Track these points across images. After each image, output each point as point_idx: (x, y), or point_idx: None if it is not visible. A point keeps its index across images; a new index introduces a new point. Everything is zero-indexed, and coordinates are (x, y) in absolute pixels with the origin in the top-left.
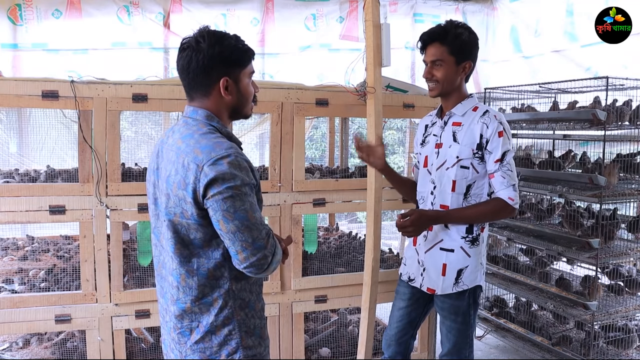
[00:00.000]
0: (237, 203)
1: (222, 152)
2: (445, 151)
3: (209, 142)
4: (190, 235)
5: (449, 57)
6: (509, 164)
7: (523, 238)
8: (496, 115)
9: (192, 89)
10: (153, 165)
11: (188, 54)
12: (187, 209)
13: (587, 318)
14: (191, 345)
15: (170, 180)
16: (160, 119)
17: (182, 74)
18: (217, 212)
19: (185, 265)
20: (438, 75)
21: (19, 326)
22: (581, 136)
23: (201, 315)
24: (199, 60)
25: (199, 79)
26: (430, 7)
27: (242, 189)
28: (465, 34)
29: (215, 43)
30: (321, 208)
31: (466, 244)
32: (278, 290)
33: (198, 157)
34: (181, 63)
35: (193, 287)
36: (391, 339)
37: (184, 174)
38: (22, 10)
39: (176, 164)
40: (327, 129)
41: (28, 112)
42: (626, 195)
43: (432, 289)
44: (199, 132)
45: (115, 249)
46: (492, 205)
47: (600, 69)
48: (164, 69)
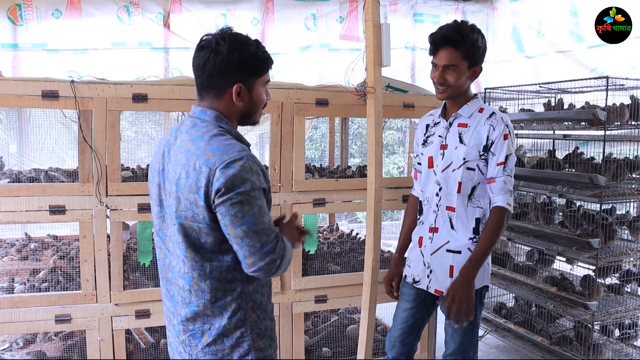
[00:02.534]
0: (245, 208)
1: (234, 154)
2: (451, 153)
3: (220, 144)
4: (201, 239)
5: (462, 62)
6: (510, 168)
7: (523, 238)
8: (503, 117)
9: (204, 89)
10: (157, 166)
11: (206, 54)
12: (198, 212)
13: (587, 318)
14: (202, 347)
15: (180, 183)
16: (160, 119)
17: (197, 72)
18: (225, 216)
19: (197, 269)
20: (450, 80)
21: (19, 326)
22: (581, 136)
23: (213, 318)
24: (216, 63)
25: (213, 80)
26: (430, 7)
27: (251, 193)
28: (480, 39)
29: (236, 49)
30: (321, 208)
31: (473, 245)
32: (278, 290)
33: (210, 160)
34: (197, 62)
35: (206, 290)
36: (395, 340)
37: (196, 177)
38: (22, 10)
39: (187, 166)
40: (327, 129)
41: (28, 112)
42: (626, 195)
43: (440, 291)
44: (209, 133)
45: (115, 249)
46: (496, 220)
47: (606, 70)
48: (164, 69)
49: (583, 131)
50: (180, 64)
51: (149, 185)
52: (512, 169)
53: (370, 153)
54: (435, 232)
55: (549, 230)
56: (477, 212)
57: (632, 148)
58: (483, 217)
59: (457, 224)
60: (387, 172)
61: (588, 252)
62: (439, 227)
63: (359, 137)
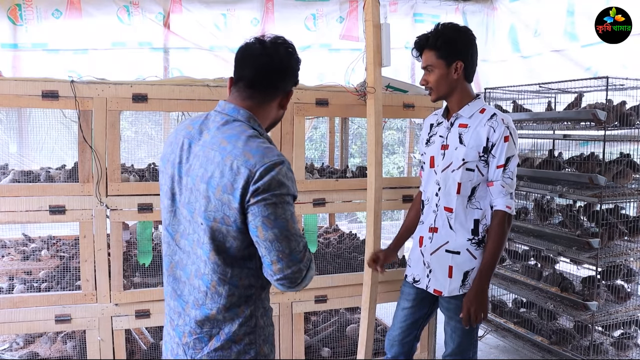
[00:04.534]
0: (279, 211)
1: (275, 158)
2: (452, 153)
3: (259, 146)
4: (227, 243)
5: (438, 61)
6: (510, 171)
7: (523, 238)
8: (504, 119)
9: (249, 87)
10: (173, 158)
11: (274, 58)
12: (229, 214)
13: (587, 318)
14: (208, 352)
15: (213, 182)
16: (160, 119)
17: (249, 69)
18: (257, 217)
19: (218, 272)
20: (430, 80)
21: (19, 326)
22: (581, 136)
23: (224, 323)
24: (282, 71)
25: (266, 84)
26: (430, 7)
27: (286, 198)
28: (450, 33)
29: (298, 63)
30: (321, 208)
31: (472, 246)
32: (278, 290)
33: (249, 162)
34: (258, 60)
35: (222, 295)
36: (394, 339)
37: (232, 177)
38: (22, 10)
39: (222, 165)
40: (327, 129)
41: (28, 112)
42: (626, 195)
43: (439, 291)
44: (245, 133)
45: (115, 249)
46: (497, 225)
47: (600, 69)
48: (164, 69)
49: (583, 131)
50: (180, 64)
51: (160, 176)
52: (513, 171)
53: (370, 153)
54: (435, 232)
55: (549, 231)
56: (475, 214)
57: (632, 148)
58: (482, 218)
59: (455, 225)
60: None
61: (588, 252)
62: (438, 227)
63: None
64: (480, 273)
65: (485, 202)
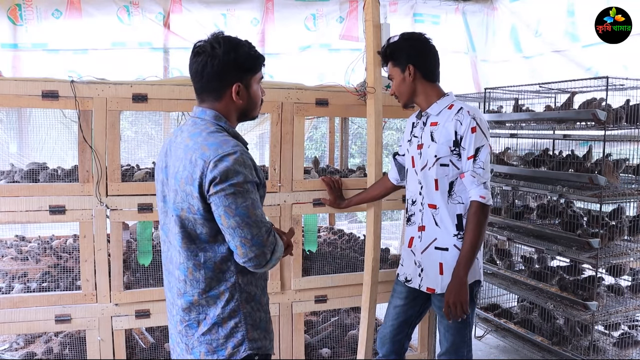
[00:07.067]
0: (238, 200)
1: (228, 149)
2: (426, 151)
3: (216, 139)
4: (196, 230)
5: (395, 69)
6: (481, 160)
7: (523, 238)
8: (469, 111)
9: (204, 92)
10: (161, 164)
11: (203, 59)
12: (193, 203)
13: (587, 318)
14: (198, 337)
15: (178, 176)
16: (160, 119)
17: (196, 78)
18: (219, 207)
19: (192, 259)
20: (393, 88)
21: (19, 326)
22: (581, 136)
23: (208, 307)
24: (214, 66)
25: (213, 83)
26: (430, 7)
27: (244, 185)
28: (398, 42)
29: (231, 50)
30: (321, 208)
31: (459, 242)
32: (278, 290)
33: (205, 154)
34: (195, 67)
35: (200, 280)
36: (385, 337)
37: (192, 169)
38: (22, 10)
39: (184, 160)
40: (327, 129)
41: (28, 112)
42: (626, 195)
43: (432, 288)
44: (206, 130)
45: (115, 249)
46: (474, 216)
47: (601, 69)
48: (164, 69)
49: (583, 131)
50: (180, 64)
51: (155, 183)
52: (485, 161)
53: (370, 153)
54: (423, 230)
55: (549, 231)
56: (458, 208)
57: (632, 148)
58: (465, 212)
59: (440, 221)
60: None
61: (588, 252)
62: (425, 225)
63: (359, 137)
64: (458, 264)
65: (466, 196)
